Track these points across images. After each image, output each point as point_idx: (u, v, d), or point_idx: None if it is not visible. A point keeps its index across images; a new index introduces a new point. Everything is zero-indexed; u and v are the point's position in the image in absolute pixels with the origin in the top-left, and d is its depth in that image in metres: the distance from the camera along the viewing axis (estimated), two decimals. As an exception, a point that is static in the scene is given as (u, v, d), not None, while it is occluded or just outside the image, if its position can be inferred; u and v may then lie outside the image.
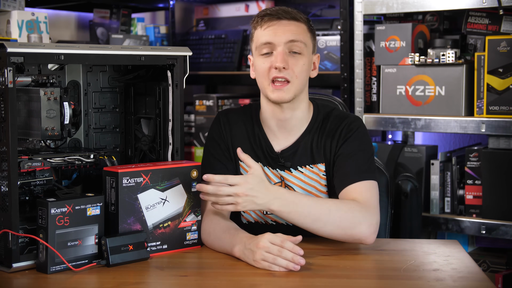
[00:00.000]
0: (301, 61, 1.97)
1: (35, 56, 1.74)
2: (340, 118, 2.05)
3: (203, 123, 3.51)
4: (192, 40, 3.70)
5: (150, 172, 1.85)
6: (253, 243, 1.77)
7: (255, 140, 2.08)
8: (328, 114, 2.07)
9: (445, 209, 2.83)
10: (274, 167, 2.05)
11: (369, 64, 2.95)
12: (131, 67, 2.10)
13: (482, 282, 1.66)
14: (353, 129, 2.02)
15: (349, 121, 2.03)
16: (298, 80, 1.97)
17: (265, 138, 2.07)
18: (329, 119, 2.06)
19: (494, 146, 2.71)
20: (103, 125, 2.13)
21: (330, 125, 2.04)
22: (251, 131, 2.09)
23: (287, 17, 1.98)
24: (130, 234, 1.80)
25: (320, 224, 1.85)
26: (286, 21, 1.97)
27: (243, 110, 2.14)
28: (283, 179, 2.05)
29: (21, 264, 1.73)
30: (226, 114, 2.13)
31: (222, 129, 2.10)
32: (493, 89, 2.63)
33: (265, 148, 2.06)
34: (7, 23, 2.73)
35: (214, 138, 2.10)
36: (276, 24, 1.97)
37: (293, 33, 1.96)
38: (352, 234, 1.86)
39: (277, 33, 1.96)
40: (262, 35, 1.98)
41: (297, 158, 2.04)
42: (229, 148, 2.09)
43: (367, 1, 2.84)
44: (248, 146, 2.07)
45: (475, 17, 2.78)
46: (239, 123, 2.10)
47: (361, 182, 1.94)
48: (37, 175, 1.87)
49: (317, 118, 2.06)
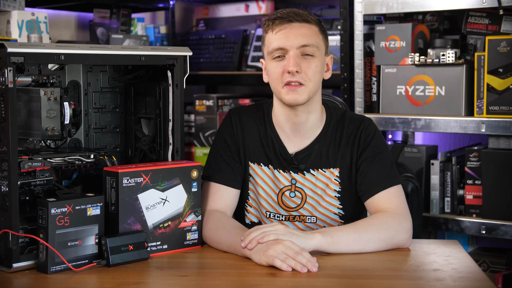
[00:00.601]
0: (314, 64, 1.95)
1: (35, 56, 1.74)
2: (356, 121, 2.05)
3: (203, 123, 3.51)
4: (192, 40, 3.70)
5: (150, 172, 1.85)
6: (272, 241, 1.76)
7: (267, 142, 2.06)
8: (342, 117, 2.07)
9: (445, 209, 2.83)
10: (286, 169, 2.04)
11: (369, 64, 2.95)
12: (131, 67, 2.10)
13: (482, 282, 1.66)
14: (371, 133, 2.02)
15: (365, 125, 2.04)
16: (312, 83, 1.96)
17: (278, 140, 2.05)
18: (344, 123, 2.05)
19: (494, 146, 2.71)
20: (103, 125, 2.13)
21: (347, 130, 2.04)
22: (263, 132, 2.07)
23: (298, 19, 1.96)
24: (130, 234, 1.80)
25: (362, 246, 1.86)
26: (298, 24, 1.96)
27: (255, 109, 2.12)
28: (295, 182, 2.04)
29: (21, 264, 1.72)
30: (238, 113, 2.11)
31: (234, 129, 2.08)
32: (493, 89, 2.63)
33: (278, 150, 2.04)
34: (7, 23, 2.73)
35: (224, 138, 2.08)
36: (288, 28, 1.95)
37: (304, 36, 1.94)
38: (393, 244, 1.89)
39: (289, 37, 1.94)
40: (274, 39, 1.96)
41: (311, 161, 2.03)
42: (239, 149, 2.07)
43: (367, 1, 2.84)
44: (260, 147, 2.07)
45: (475, 17, 2.78)
46: (251, 123, 2.09)
47: (388, 189, 1.96)
48: (37, 175, 1.87)
49: (330, 121, 2.05)
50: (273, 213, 2.06)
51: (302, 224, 2.04)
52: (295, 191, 2.03)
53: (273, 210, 2.06)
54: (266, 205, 2.06)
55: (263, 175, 2.06)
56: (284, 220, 2.05)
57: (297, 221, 2.04)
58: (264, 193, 2.05)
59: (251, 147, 2.07)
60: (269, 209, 2.06)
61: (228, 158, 2.05)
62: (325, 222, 2.04)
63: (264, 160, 2.06)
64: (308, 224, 2.04)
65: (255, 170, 2.06)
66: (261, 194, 2.06)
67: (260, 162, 2.06)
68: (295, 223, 2.04)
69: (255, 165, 2.06)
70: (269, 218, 2.06)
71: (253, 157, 2.07)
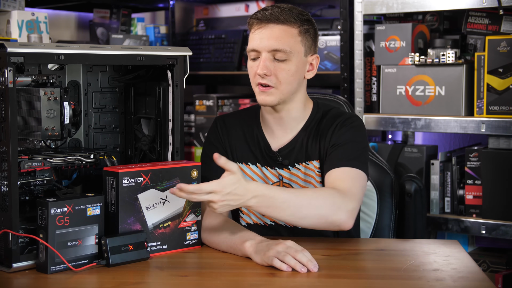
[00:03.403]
0: (286, 67, 1.96)
1: (35, 56, 1.74)
2: (336, 116, 2.05)
3: (203, 123, 3.51)
4: (192, 40, 3.70)
5: (150, 172, 1.85)
6: (273, 241, 1.77)
7: (253, 141, 2.09)
8: (326, 113, 2.07)
9: (445, 209, 2.83)
10: (273, 166, 2.06)
11: (369, 64, 2.95)
12: (131, 67, 2.10)
13: (482, 282, 1.66)
14: (347, 124, 2.01)
15: (344, 118, 2.03)
16: (284, 85, 1.97)
17: (263, 138, 2.08)
18: (327, 116, 2.06)
19: (494, 146, 2.71)
20: (103, 125, 2.13)
21: (326, 123, 2.04)
22: (249, 133, 2.10)
23: (275, 21, 1.95)
24: (130, 234, 1.80)
25: (300, 216, 1.82)
26: (273, 25, 1.96)
27: (242, 112, 2.16)
28: (281, 178, 2.05)
29: (21, 264, 1.72)
30: (222, 119, 2.16)
31: (219, 133, 2.12)
32: (493, 89, 2.63)
33: (263, 148, 2.07)
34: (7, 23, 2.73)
35: (211, 141, 2.13)
36: (263, 29, 1.96)
37: (277, 40, 1.94)
38: (332, 221, 1.84)
39: (262, 39, 1.96)
40: (250, 39, 1.99)
41: (294, 155, 2.04)
42: (227, 150, 2.10)
43: (367, 1, 2.84)
44: (246, 147, 2.09)
45: (475, 17, 2.78)
46: (235, 126, 2.12)
47: (346, 168, 1.93)
48: (37, 175, 1.87)
49: (315, 116, 2.06)
50: None
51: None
52: (283, 187, 2.03)
53: None
54: None
55: (252, 174, 2.07)
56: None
57: None
58: None
59: (238, 148, 2.10)
60: None
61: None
62: None
63: (251, 159, 2.08)
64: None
65: (244, 171, 2.07)
66: None
67: (248, 162, 2.08)
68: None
69: (243, 165, 2.08)
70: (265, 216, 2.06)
71: (241, 157, 2.09)
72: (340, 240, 2.02)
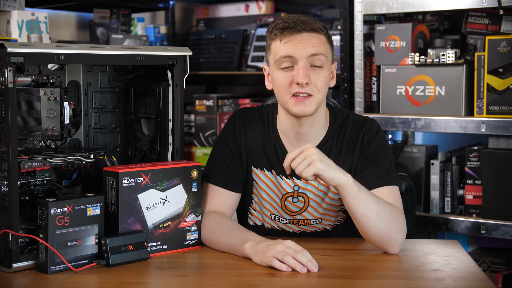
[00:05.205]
0: (323, 75, 1.92)
1: (35, 56, 1.74)
2: (358, 124, 2.03)
3: (203, 123, 3.51)
4: (192, 40, 3.70)
5: (150, 172, 1.85)
6: (273, 241, 1.76)
7: (269, 147, 2.04)
8: (345, 121, 2.04)
9: (445, 209, 2.83)
10: (289, 175, 2.02)
11: (369, 64, 2.95)
12: (131, 67, 2.10)
13: (482, 282, 1.66)
14: (373, 134, 2.01)
15: (367, 127, 2.02)
16: (321, 94, 1.93)
17: (281, 147, 2.04)
18: (347, 126, 2.03)
19: (494, 146, 2.71)
20: (103, 125, 2.13)
21: (349, 133, 2.02)
22: (266, 137, 2.05)
23: (307, 29, 1.91)
24: (130, 234, 1.80)
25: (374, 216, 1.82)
26: (307, 34, 1.91)
27: (259, 113, 2.09)
28: (297, 188, 2.02)
29: (21, 264, 1.73)
30: (242, 115, 2.09)
31: (237, 132, 2.07)
32: (493, 89, 2.63)
33: (281, 157, 2.01)
34: (7, 23, 2.73)
35: (227, 141, 2.07)
36: (298, 38, 1.91)
37: (314, 46, 1.91)
38: (390, 238, 1.84)
39: (299, 47, 1.90)
40: (282, 48, 1.92)
41: None
42: (241, 153, 2.06)
43: (367, 1, 2.84)
44: (262, 151, 2.05)
45: (475, 17, 2.78)
46: (254, 127, 2.07)
47: (388, 186, 1.94)
48: (37, 175, 1.87)
49: (334, 125, 2.03)
50: (277, 215, 2.05)
51: (308, 226, 2.04)
52: (298, 197, 2.02)
53: (277, 213, 2.05)
54: (270, 208, 2.05)
55: (266, 180, 2.05)
56: (288, 223, 2.05)
57: (301, 224, 2.04)
58: (268, 197, 2.05)
59: (254, 151, 2.05)
60: (273, 211, 2.05)
61: (229, 161, 2.04)
62: (329, 221, 2.03)
63: (266, 166, 2.05)
64: (314, 225, 2.04)
65: (258, 175, 2.05)
66: (265, 198, 2.05)
67: (263, 167, 2.05)
68: (300, 226, 2.04)
69: (258, 170, 2.05)
70: (274, 220, 2.05)
71: (256, 162, 2.05)
72: (340, 240, 2.02)
